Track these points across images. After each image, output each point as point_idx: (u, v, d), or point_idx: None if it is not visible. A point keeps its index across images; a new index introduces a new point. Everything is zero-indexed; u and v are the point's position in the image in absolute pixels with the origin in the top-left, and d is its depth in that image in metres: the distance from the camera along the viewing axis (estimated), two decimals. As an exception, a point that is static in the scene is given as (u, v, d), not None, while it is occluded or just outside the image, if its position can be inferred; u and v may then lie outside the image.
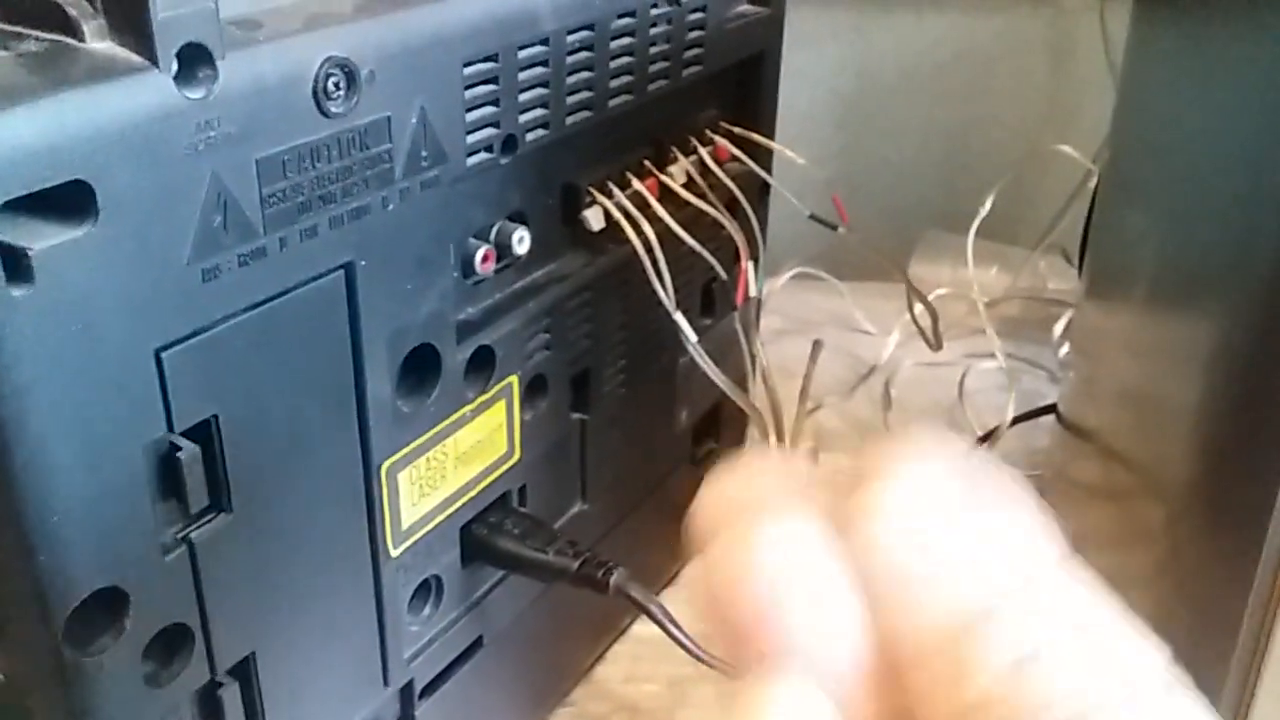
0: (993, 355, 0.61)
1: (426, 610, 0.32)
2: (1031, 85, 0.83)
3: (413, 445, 0.29)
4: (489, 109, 0.28)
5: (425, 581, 0.31)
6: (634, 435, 0.40)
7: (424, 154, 0.26)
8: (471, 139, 0.28)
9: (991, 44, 0.83)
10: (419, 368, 0.29)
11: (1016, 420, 0.55)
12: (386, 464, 0.28)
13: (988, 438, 0.55)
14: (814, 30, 0.83)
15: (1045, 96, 0.83)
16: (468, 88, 0.27)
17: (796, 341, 0.64)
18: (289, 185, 0.23)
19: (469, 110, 0.28)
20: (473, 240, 0.30)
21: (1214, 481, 0.37)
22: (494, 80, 0.28)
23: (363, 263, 0.25)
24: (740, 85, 0.41)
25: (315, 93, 0.23)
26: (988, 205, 0.65)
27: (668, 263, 0.35)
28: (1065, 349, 0.62)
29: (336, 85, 0.24)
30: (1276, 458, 0.32)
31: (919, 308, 0.66)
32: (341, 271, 0.25)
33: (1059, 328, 0.63)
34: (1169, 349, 0.41)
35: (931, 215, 0.79)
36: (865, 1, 0.82)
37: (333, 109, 0.24)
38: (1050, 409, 0.54)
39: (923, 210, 0.81)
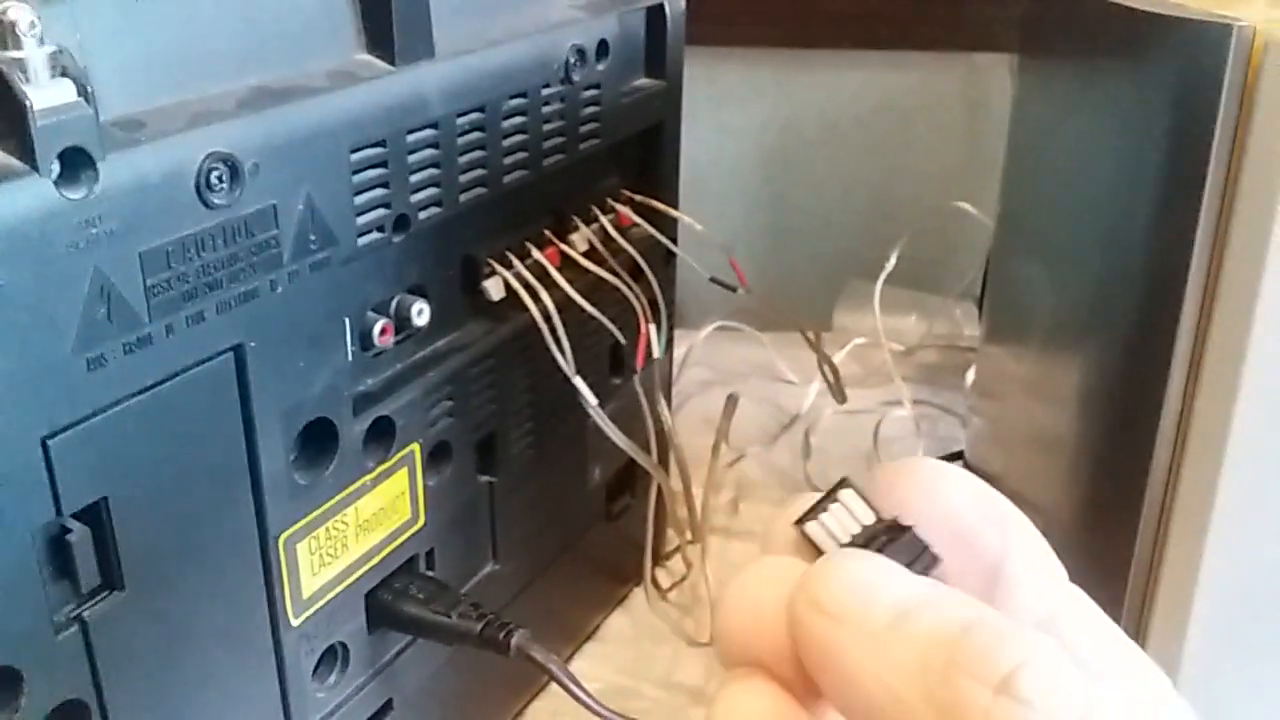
0: (906, 403, 0.63)
1: (332, 677, 0.33)
2: (949, 137, 0.86)
3: (311, 516, 0.30)
4: (379, 191, 0.30)
5: (331, 648, 0.32)
6: (545, 495, 0.41)
7: (312, 238, 0.28)
8: (362, 220, 0.29)
9: (909, 98, 0.86)
10: (315, 441, 0.30)
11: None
12: (284, 536, 0.29)
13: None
14: (739, 87, 0.86)
15: (962, 148, 0.86)
16: (356, 173, 0.29)
17: (721, 392, 0.66)
18: (173, 275, 0.24)
19: (358, 194, 0.29)
20: (371, 314, 0.31)
21: (1087, 519, 0.39)
22: (383, 164, 0.29)
23: (252, 344, 0.26)
24: (641, 154, 0.43)
25: (198, 186, 0.24)
26: (893, 260, 0.68)
27: (572, 327, 0.36)
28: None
29: (219, 178, 0.25)
30: (1136, 492, 0.33)
31: (838, 357, 0.68)
32: (231, 353, 0.26)
33: (970, 374, 0.65)
34: (1054, 390, 0.43)
35: (857, 264, 0.82)
36: (786, 59, 0.84)
37: (216, 201, 0.25)
38: (959, 455, 0.56)
39: (848, 259, 0.83)
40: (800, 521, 0.18)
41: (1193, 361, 0.32)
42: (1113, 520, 0.36)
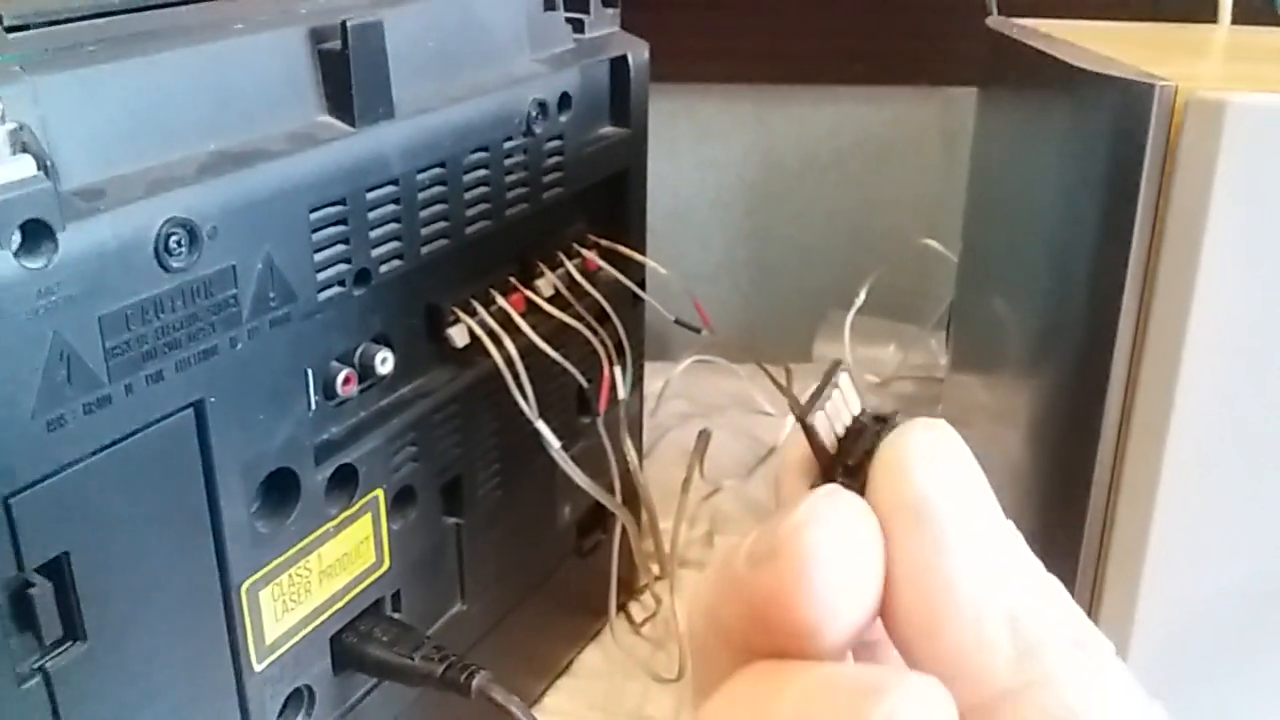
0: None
1: (299, 718, 0.33)
2: (926, 169, 0.87)
3: (273, 564, 0.31)
4: (339, 247, 0.31)
5: (296, 691, 0.33)
6: (514, 534, 0.42)
7: (271, 295, 0.28)
8: (322, 276, 0.30)
9: (887, 131, 0.87)
10: (277, 490, 0.30)
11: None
12: (246, 584, 0.30)
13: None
14: (719, 123, 0.87)
15: (939, 179, 0.87)
16: (316, 230, 0.30)
17: (699, 425, 0.67)
18: (133, 336, 0.25)
19: (318, 250, 0.30)
20: (334, 364, 0.32)
21: (1039, 551, 0.40)
22: (343, 222, 0.30)
23: (212, 399, 0.27)
24: (607, 199, 0.44)
25: (156, 251, 0.25)
26: (864, 291, 0.69)
27: (538, 370, 0.37)
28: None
29: (178, 243, 0.26)
30: (1075, 549, 0.34)
31: (814, 387, 0.69)
32: (191, 409, 0.27)
33: (943, 405, 0.66)
34: (1013, 420, 0.44)
35: (837, 295, 0.83)
36: (765, 93, 0.86)
37: (174, 264, 0.26)
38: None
39: (829, 290, 0.84)
40: (803, 416, 0.16)
41: (1127, 392, 0.33)
42: (1058, 550, 0.37)
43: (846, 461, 0.16)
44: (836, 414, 0.17)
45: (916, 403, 0.69)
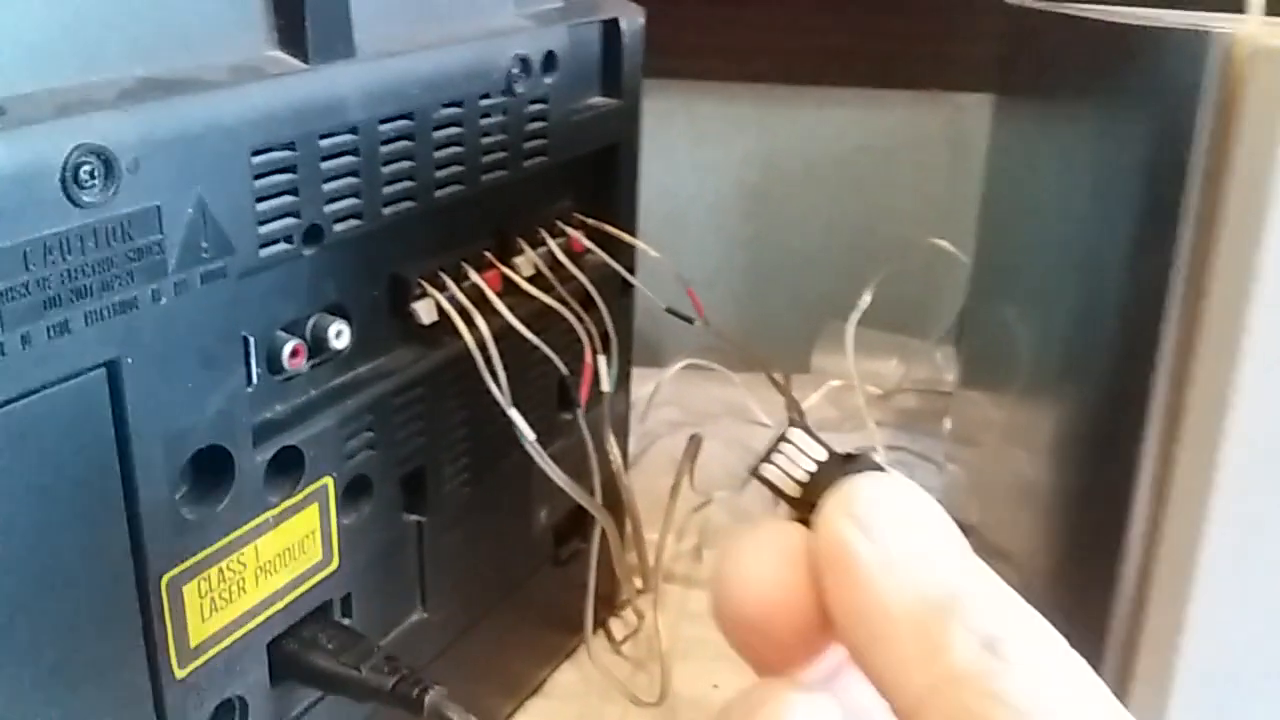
0: (889, 448, 0.61)
1: (229, 733, 0.30)
2: (932, 178, 0.84)
3: (200, 555, 0.27)
4: (286, 198, 0.27)
5: (226, 703, 0.29)
6: (483, 537, 0.38)
7: (204, 245, 0.25)
8: (266, 229, 0.27)
9: (892, 137, 0.84)
10: (208, 472, 0.27)
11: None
12: (167, 577, 0.26)
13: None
14: (719, 124, 0.84)
15: (945, 189, 0.84)
16: (258, 177, 0.26)
17: (690, 432, 0.63)
18: (32, 279, 0.22)
19: (261, 200, 0.26)
20: (280, 334, 0.29)
21: (1066, 575, 0.36)
22: (290, 169, 0.27)
23: (129, 360, 0.24)
24: (596, 176, 0.41)
25: (64, 182, 0.22)
26: (867, 298, 0.65)
27: (515, 357, 0.34)
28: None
29: (91, 174, 0.22)
30: (1114, 544, 0.31)
31: (812, 399, 0.65)
32: (103, 370, 0.23)
33: (949, 421, 0.63)
34: (1030, 438, 0.40)
35: (836, 305, 0.79)
36: (768, 96, 0.83)
37: (86, 199, 0.22)
38: (935, 503, 0.53)
39: (828, 300, 0.81)
40: (755, 470, 0.19)
41: (1172, 408, 0.29)
42: (1091, 575, 0.33)
43: (812, 502, 0.17)
44: (793, 463, 0.18)
45: (920, 417, 0.66)
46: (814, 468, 0.18)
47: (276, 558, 0.29)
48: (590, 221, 0.40)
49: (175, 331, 0.25)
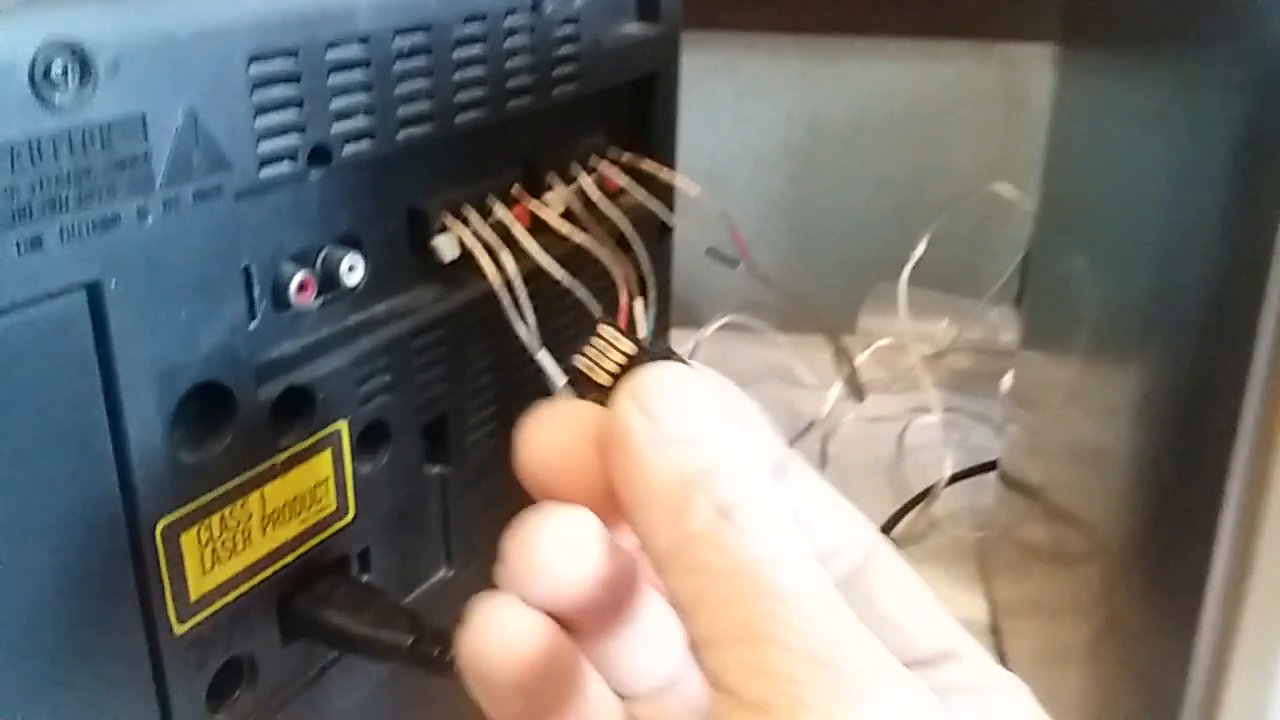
0: (935, 410, 0.58)
1: (237, 694, 0.28)
2: (985, 134, 0.80)
3: (199, 502, 0.25)
4: (288, 113, 0.25)
5: (233, 662, 0.27)
6: (512, 490, 0.36)
7: (195, 160, 0.23)
8: (265, 147, 0.24)
9: (944, 93, 0.80)
10: (206, 411, 0.25)
11: (956, 477, 0.51)
12: (162, 523, 0.24)
13: (924, 495, 0.51)
14: (763, 80, 0.81)
15: (998, 145, 0.80)
16: (256, 87, 0.24)
17: (731, 396, 0.60)
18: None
19: (260, 114, 0.24)
20: (287, 265, 0.27)
21: (1149, 542, 0.33)
22: (293, 80, 0.25)
23: (113, 283, 0.22)
24: (632, 109, 0.38)
25: (33, 79, 0.20)
26: (920, 250, 0.62)
27: (544, 300, 0.31)
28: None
29: (63, 72, 0.20)
30: (1210, 517, 0.28)
31: (861, 358, 0.62)
32: (83, 292, 0.21)
33: (1007, 380, 0.59)
34: (1105, 398, 0.37)
35: (884, 266, 0.76)
36: (815, 50, 0.79)
37: (58, 99, 0.20)
38: (992, 465, 0.50)
39: (876, 261, 0.78)
40: (571, 361, 0.20)
41: (1274, 376, 0.26)
42: (1181, 549, 0.30)
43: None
44: (604, 355, 0.20)
45: (975, 379, 0.63)
46: (625, 361, 0.20)
47: (286, 506, 0.27)
48: (625, 157, 0.37)
49: (164, 254, 0.23)
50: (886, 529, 0.51)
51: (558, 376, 0.32)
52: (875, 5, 0.75)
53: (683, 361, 0.19)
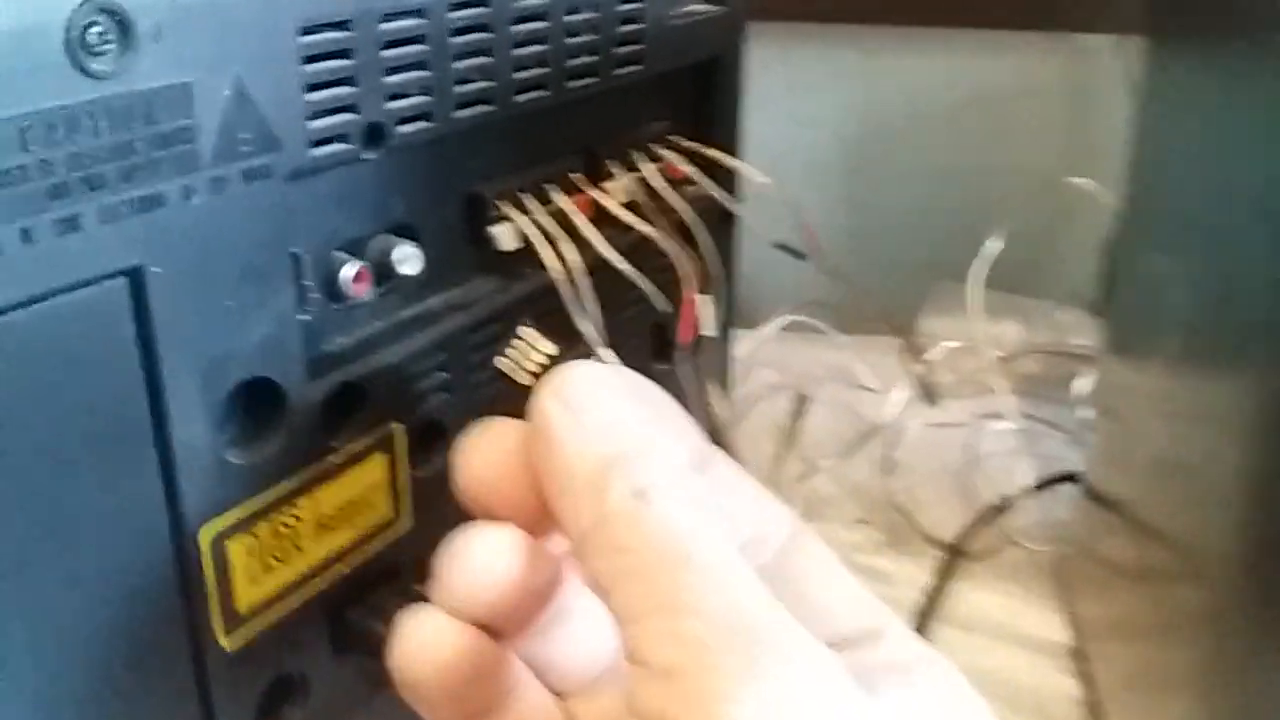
0: (1008, 415, 0.55)
1: (287, 713, 0.26)
2: (1050, 129, 0.77)
3: (248, 507, 0.23)
4: (341, 90, 0.23)
5: (283, 679, 0.25)
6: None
7: (244, 137, 0.21)
8: (317, 125, 0.23)
9: (1007, 85, 0.78)
10: (255, 408, 0.23)
11: (1036, 488, 0.48)
12: (209, 530, 0.22)
13: (1002, 508, 0.49)
14: (817, 72, 0.79)
15: (1064, 141, 0.77)
16: (308, 61, 0.22)
17: (790, 397, 0.58)
18: (32, 161, 0.18)
19: (312, 89, 0.22)
20: (339, 254, 0.25)
21: (1263, 563, 0.30)
22: (345, 54, 0.23)
23: (156, 269, 0.20)
24: (695, 94, 0.36)
25: (69, 44, 0.18)
26: (998, 244, 0.60)
27: (605, 294, 0.29)
28: (1087, 409, 0.56)
29: (102, 37, 0.18)
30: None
31: (929, 360, 0.60)
32: (124, 279, 0.20)
33: (1080, 385, 0.57)
34: (1207, 408, 0.35)
35: (944, 268, 0.74)
36: (871, 41, 0.77)
37: (97, 67, 0.18)
38: (1071, 476, 0.48)
39: (935, 263, 0.75)
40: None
41: None
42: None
43: None
44: (525, 357, 0.22)
45: (1045, 383, 0.60)
46: (546, 361, 0.20)
47: (338, 512, 0.26)
48: (689, 144, 0.35)
49: (211, 239, 0.21)
50: (961, 542, 0.48)
51: (623, 374, 0.30)
52: (935, -2, 0.72)
53: (602, 361, 0.19)
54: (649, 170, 0.34)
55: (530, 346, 0.21)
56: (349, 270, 0.25)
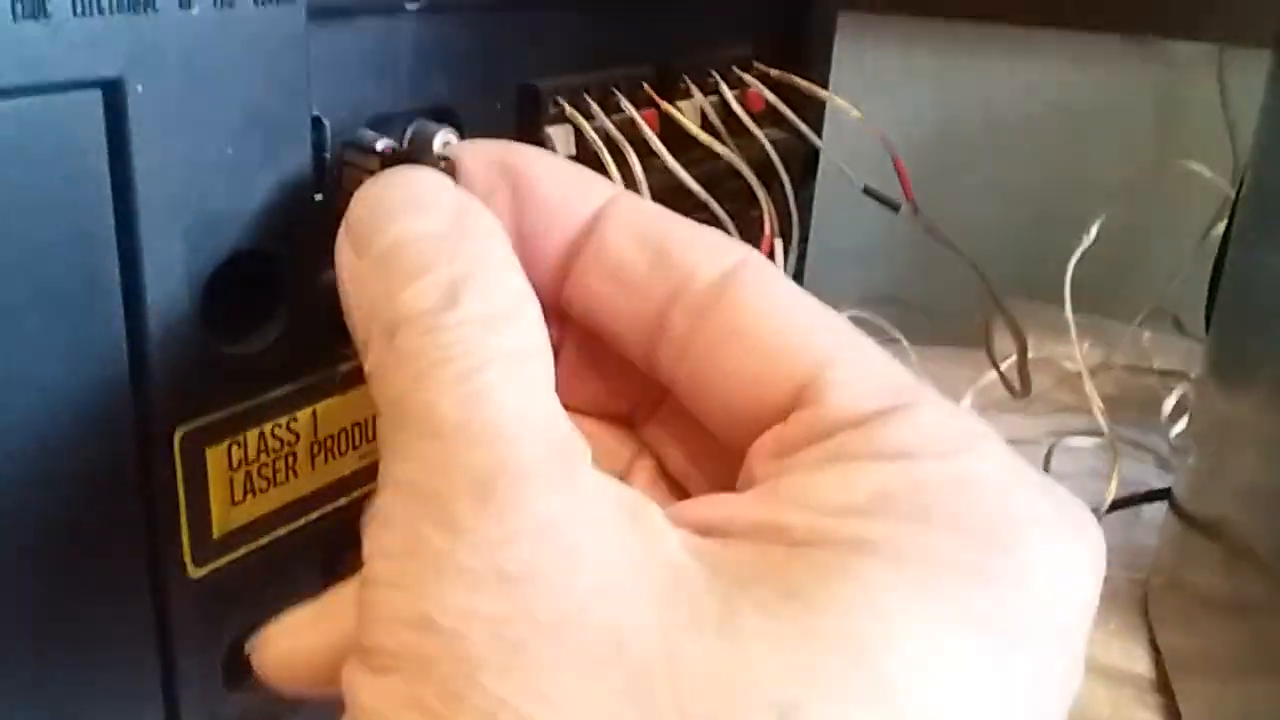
0: (1087, 433, 0.50)
1: (265, 669, 0.22)
2: (1135, 146, 0.73)
3: (234, 409, 0.19)
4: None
5: (261, 624, 0.21)
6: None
7: (258, -55, 0.17)
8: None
9: (1091, 97, 0.73)
10: (248, 289, 0.19)
11: (1116, 505, 0.44)
12: (183, 430, 0.18)
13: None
14: (889, 74, 0.75)
15: (1150, 158, 0.72)
16: None
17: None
18: (-13, -82, 0.14)
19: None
20: (366, 132, 0.21)
21: None
22: None
23: (139, 86, 0.16)
24: (784, 21, 0.32)
25: None
26: (1089, 240, 0.55)
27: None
28: (1177, 430, 0.51)
29: None
30: None
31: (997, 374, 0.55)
32: (98, 91, 0.16)
33: (1168, 405, 0.52)
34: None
35: (1017, 283, 0.69)
36: (949, 43, 0.73)
37: None
38: (1160, 494, 0.43)
39: (1008, 279, 0.71)
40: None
41: None
42: None
43: None
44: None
45: (1126, 403, 0.55)
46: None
47: (342, 434, 0.22)
48: (777, 73, 0.31)
49: (211, 64, 0.17)
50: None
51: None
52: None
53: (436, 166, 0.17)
54: (728, 94, 0.30)
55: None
56: (376, 146, 0.21)
